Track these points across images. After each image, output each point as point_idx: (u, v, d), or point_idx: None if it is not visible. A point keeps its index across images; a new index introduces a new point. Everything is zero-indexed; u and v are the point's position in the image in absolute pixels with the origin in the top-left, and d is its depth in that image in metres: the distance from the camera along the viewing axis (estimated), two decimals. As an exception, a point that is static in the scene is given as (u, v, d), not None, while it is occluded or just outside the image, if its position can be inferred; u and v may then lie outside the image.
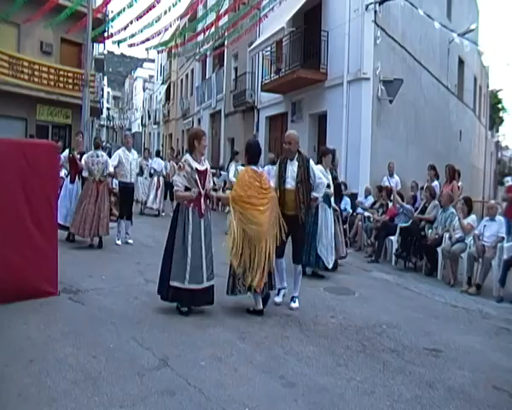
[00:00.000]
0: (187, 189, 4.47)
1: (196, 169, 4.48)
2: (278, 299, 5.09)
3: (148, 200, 12.29)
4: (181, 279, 4.39)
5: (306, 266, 6.49)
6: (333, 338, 4.19)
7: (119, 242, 7.87)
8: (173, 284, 4.41)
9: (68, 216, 7.46)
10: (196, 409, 2.82)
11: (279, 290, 5.12)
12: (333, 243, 6.58)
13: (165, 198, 12.72)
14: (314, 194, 5.02)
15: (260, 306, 4.67)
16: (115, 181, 9.78)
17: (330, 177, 6.66)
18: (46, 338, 3.68)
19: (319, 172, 5.14)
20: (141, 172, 11.56)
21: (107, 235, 7.60)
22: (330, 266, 6.53)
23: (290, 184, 4.89)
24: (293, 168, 4.92)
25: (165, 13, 12.61)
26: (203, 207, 4.55)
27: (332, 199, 6.74)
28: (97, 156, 7.55)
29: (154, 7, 12.05)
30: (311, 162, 5.07)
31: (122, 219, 7.96)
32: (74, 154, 7.78)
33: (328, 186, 6.50)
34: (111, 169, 7.65)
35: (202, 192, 4.55)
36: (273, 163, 10.73)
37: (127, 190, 7.96)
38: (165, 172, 12.74)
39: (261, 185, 4.61)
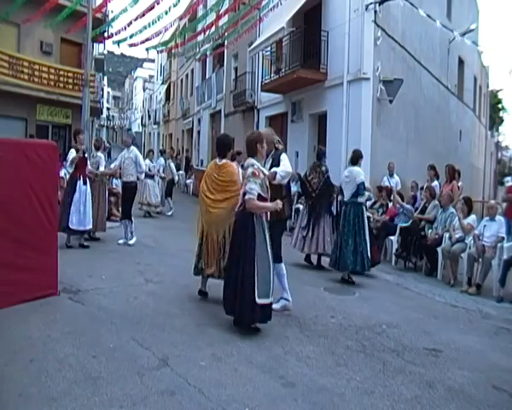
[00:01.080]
0: (260, 197, 4.10)
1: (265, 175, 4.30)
2: (276, 306, 4.65)
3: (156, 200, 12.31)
4: (267, 295, 4.06)
5: (364, 271, 6.55)
6: (333, 338, 4.19)
7: (120, 241, 7.88)
8: (261, 301, 4.00)
9: (86, 220, 7.20)
10: (196, 409, 2.82)
11: (280, 298, 4.82)
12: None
13: (167, 196, 12.79)
14: (273, 169, 4.60)
15: (204, 288, 5.07)
16: (115, 181, 9.81)
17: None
18: (46, 338, 3.68)
19: (287, 161, 4.79)
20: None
21: (101, 231, 7.98)
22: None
23: None
24: (267, 166, 4.77)
25: (166, 13, 12.61)
26: (268, 213, 4.33)
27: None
28: (93, 157, 7.94)
29: (153, 8, 12.05)
30: (283, 155, 4.79)
31: (123, 220, 8.00)
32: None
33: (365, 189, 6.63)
34: (101, 168, 7.93)
35: (268, 198, 4.29)
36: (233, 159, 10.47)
37: (125, 190, 8.03)
38: (162, 171, 12.78)
39: (217, 177, 4.79)
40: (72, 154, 7.40)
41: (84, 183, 7.29)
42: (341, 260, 6.38)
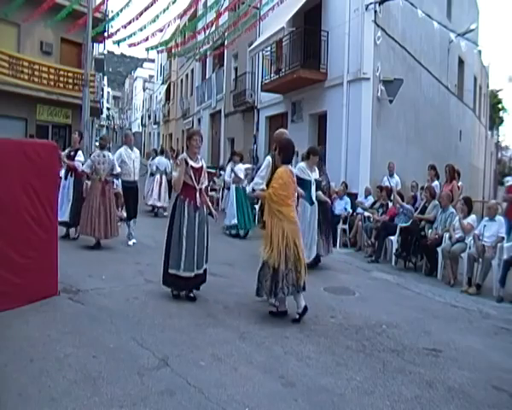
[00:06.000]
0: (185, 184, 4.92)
1: (191, 166, 4.94)
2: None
3: (151, 197, 12.31)
4: (177, 268, 4.82)
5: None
6: (333, 338, 4.19)
7: (130, 243, 7.84)
8: (171, 271, 4.86)
9: (60, 211, 7.04)
10: (196, 409, 2.82)
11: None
12: (312, 238, 6.72)
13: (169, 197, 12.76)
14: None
15: (303, 303, 4.57)
16: (116, 181, 9.76)
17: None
18: (46, 338, 3.68)
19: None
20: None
21: (116, 236, 7.61)
22: (307, 262, 6.67)
23: None
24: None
25: (164, 11, 12.64)
26: (198, 201, 4.94)
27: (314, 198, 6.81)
28: (104, 156, 7.55)
29: (154, 2, 12.05)
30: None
31: (130, 221, 7.93)
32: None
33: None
34: (118, 169, 7.65)
35: (197, 187, 4.95)
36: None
37: (131, 190, 7.90)
38: (168, 171, 12.78)
39: (295, 187, 4.74)
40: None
41: (65, 178, 7.68)
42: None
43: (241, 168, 9.95)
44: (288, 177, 4.56)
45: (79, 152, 8.07)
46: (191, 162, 4.94)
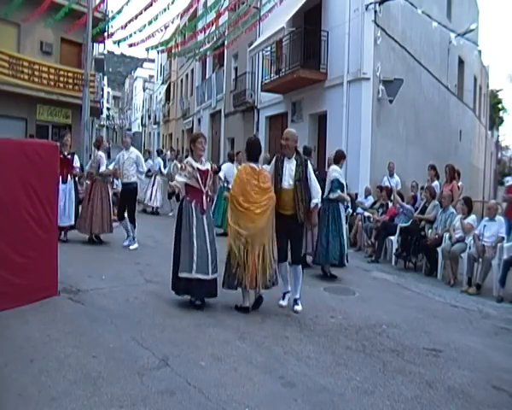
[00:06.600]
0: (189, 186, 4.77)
1: (198, 168, 4.77)
2: (284, 302, 5.02)
3: (145, 198, 12.34)
4: (188, 270, 4.56)
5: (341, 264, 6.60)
6: (333, 338, 4.19)
7: (125, 243, 7.79)
8: (182, 275, 4.59)
9: (63, 217, 7.22)
10: (196, 409, 2.82)
11: (284, 294, 5.05)
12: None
13: (169, 198, 12.71)
14: (314, 201, 4.91)
15: (247, 303, 4.71)
16: (116, 181, 9.77)
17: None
18: (46, 338, 3.67)
19: (315, 176, 5.07)
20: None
21: (108, 233, 7.76)
22: (347, 263, 6.71)
23: (288, 182, 4.80)
24: (290, 167, 4.84)
25: (164, 10, 12.65)
26: (204, 204, 4.78)
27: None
28: (95, 156, 7.93)
29: (152, 4, 12.06)
30: (309, 164, 5.02)
31: (122, 221, 7.86)
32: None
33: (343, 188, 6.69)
34: (102, 168, 7.76)
35: (204, 190, 4.79)
36: (269, 163, 10.50)
37: (125, 191, 7.85)
38: (164, 171, 12.79)
39: (258, 183, 4.58)
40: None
41: (64, 181, 7.43)
42: (320, 255, 6.53)
43: (222, 168, 10.09)
44: (244, 173, 4.59)
45: (76, 157, 8.08)
46: (197, 165, 4.79)
